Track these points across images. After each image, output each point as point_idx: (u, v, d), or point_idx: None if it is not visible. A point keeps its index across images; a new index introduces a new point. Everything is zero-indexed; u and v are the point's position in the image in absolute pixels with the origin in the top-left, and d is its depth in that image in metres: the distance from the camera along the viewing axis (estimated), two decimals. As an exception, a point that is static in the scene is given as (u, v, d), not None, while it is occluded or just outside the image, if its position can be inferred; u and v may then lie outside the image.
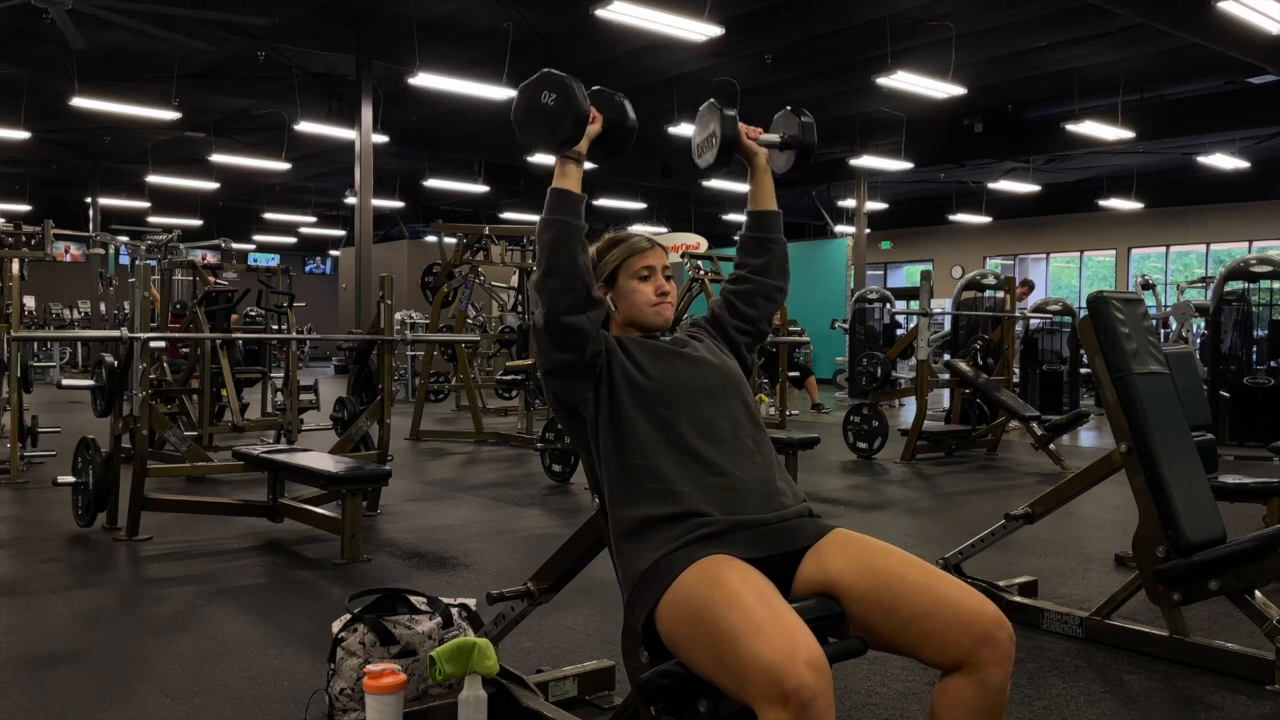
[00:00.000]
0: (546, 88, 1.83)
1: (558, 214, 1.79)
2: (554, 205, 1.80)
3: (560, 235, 1.78)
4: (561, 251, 1.78)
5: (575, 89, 1.81)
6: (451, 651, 2.19)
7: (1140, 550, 2.97)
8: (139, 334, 4.59)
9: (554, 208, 1.80)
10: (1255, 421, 8.58)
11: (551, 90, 1.82)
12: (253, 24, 10.58)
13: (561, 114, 1.81)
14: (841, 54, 12.33)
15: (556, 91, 1.81)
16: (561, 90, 1.81)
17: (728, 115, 2.04)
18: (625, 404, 1.84)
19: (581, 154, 1.84)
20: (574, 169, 1.82)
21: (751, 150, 2.11)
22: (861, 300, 14.79)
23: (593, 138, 1.87)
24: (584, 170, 1.86)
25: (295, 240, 28.67)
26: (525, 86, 1.87)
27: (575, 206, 1.81)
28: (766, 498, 1.81)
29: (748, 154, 2.11)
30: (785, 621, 1.50)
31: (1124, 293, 3.22)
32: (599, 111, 1.89)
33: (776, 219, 2.15)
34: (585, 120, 1.82)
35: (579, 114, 1.81)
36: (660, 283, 1.99)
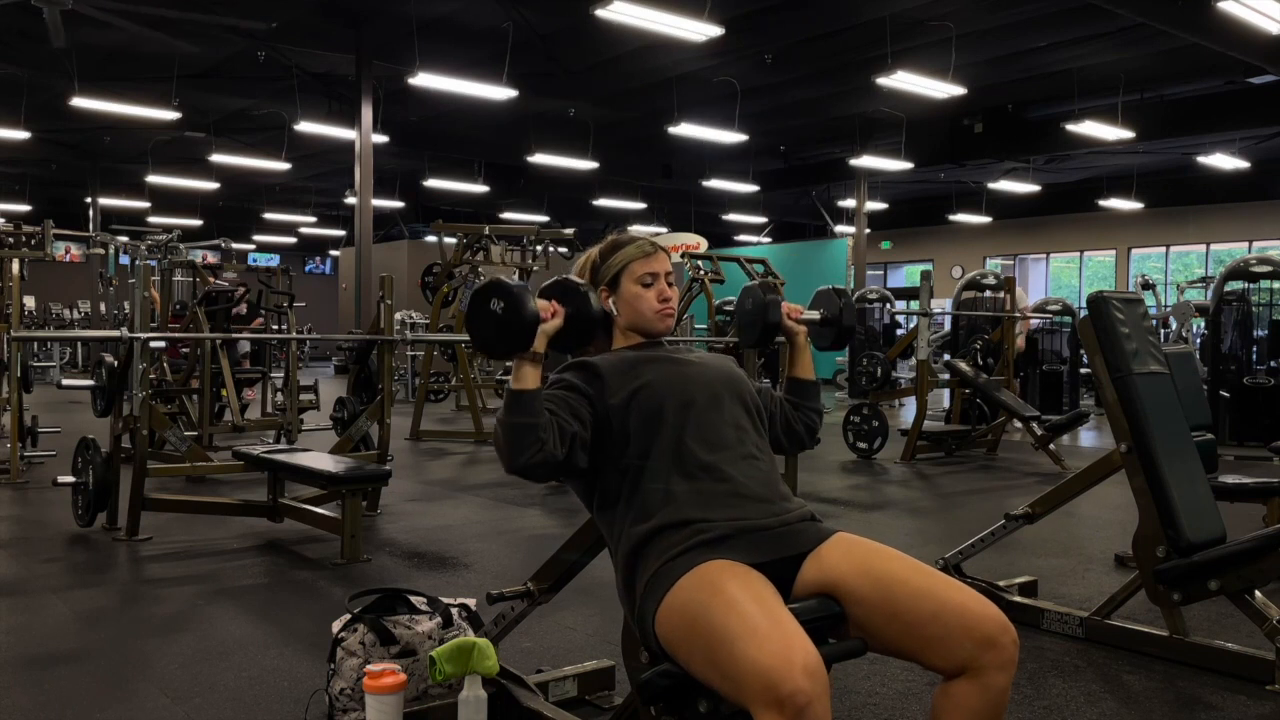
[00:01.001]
0: (495, 295, 1.80)
1: (513, 417, 1.75)
2: (510, 407, 1.76)
3: (517, 440, 1.74)
4: (519, 456, 1.74)
5: (524, 298, 1.78)
6: (451, 651, 2.19)
7: (1140, 550, 2.97)
8: (139, 334, 4.59)
9: (510, 409, 1.76)
10: (1255, 421, 8.58)
11: (500, 298, 1.79)
12: (252, 28, 10.58)
13: (508, 322, 1.78)
14: (841, 54, 12.32)
15: (505, 300, 1.79)
16: (509, 299, 1.78)
17: (772, 300, 2.12)
18: (628, 423, 1.83)
19: (537, 354, 1.80)
20: (529, 369, 1.78)
21: (792, 330, 2.15)
22: (861, 300, 14.79)
23: (551, 334, 1.83)
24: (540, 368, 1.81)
25: (295, 240, 28.68)
26: (476, 292, 1.84)
27: (531, 405, 1.76)
28: (769, 502, 1.81)
29: (789, 333, 2.15)
30: (783, 626, 1.50)
31: (1124, 293, 3.22)
32: (560, 304, 1.86)
33: (817, 390, 2.19)
34: (533, 326, 1.78)
35: (524, 324, 1.78)
36: (663, 288, 1.98)
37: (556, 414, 1.78)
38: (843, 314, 2.24)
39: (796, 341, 2.16)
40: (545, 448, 1.74)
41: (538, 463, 1.75)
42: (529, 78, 12.23)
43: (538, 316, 1.80)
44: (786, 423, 2.14)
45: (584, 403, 1.83)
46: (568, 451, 1.78)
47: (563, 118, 15.22)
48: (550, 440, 1.75)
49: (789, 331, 2.15)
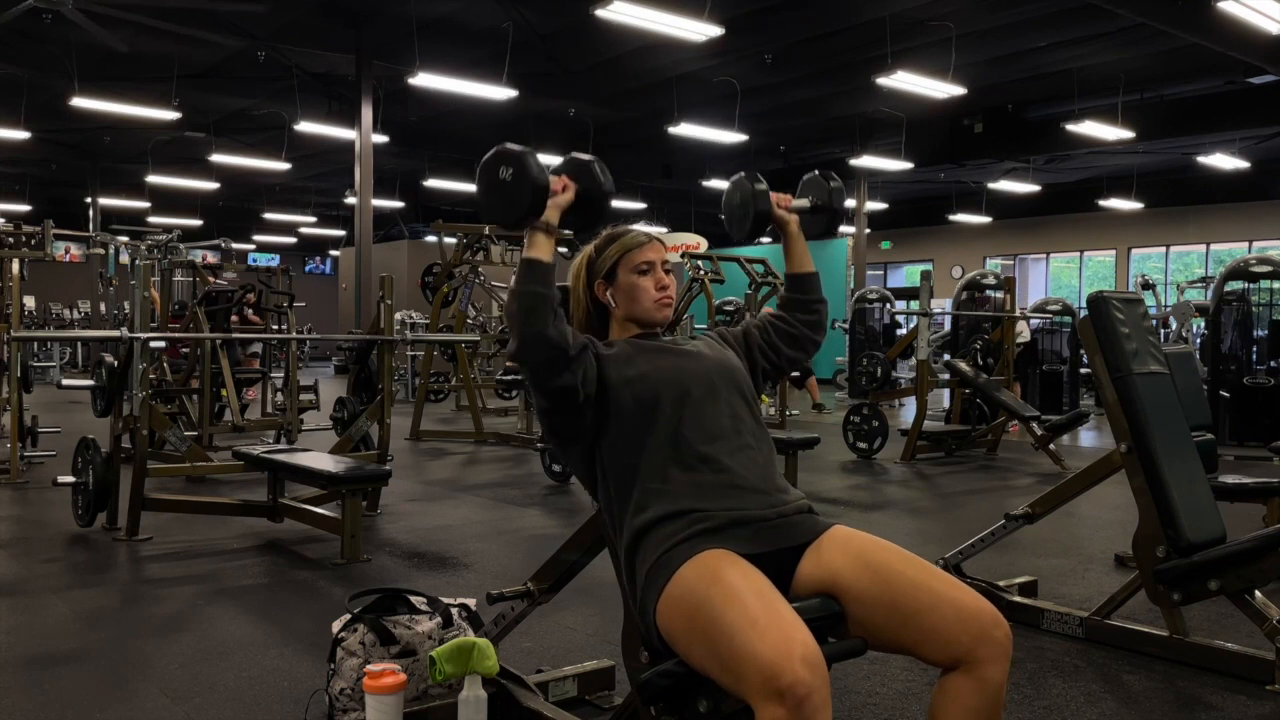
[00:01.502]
0: (503, 163, 1.79)
1: (527, 284, 1.76)
2: (524, 276, 1.77)
3: (530, 306, 1.75)
4: (533, 323, 1.74)
5: (531, 162, 1.77)
6: (451, 651, 2.19)
7: (1140, 550, 2.97)
8: (139, 334, 4.59)
9: (524, 278, 1.76)
10: (1255, 421, 8.57)
11: (508, 165, 1.78)
12: (248, 11, 10.52)
13: (518, 188, 1.77)
14: (841, 54, 12.33)
15: (513, 166, 1.78)
16: (517, 165, 1.78)
17: (759, 190, 2.07)
18: (625, 410, 1.83)
19: (550, 224, 1.80)
20: (543, 239, 1.78)
21: (783, 219, 2.13)
22: (861, 300, 14.79)
23: (563, 207, 1.83)
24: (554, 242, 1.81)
25: (295, 240, 28.68)
26: (484, 164, 1.84)
27: (545, 276, 1.77)
28: (766, 494, 1.81)
29: (780, 222, 2.13)
30: (782, 618, 1.51)
31: (1124, 293, 3.22)
32: (572, 180, 1.86)
33: (817, 280, 2.17)
34: (544, 192, 1.78)
35: (536, 187, 1.77)
36: (660, 277, 1.98)
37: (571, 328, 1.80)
38: (832, 198, 2.18)
39: (790, 231, 2.13)
40: (558, 324, 1.74)
41: (551, 337, 1.74)
42: (529, 78, 12.23)
43: (547, 184, 1.78)
44: (784, 332, 2.11)
45: (591, 359, 1.84)
46: (578, 353, 1.78)
47: (563, 118, 15.22)
48: (562, 323, 1.76)
49: (780, 221, 2.12)
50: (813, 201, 2.19)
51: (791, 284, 2.16)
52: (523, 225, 1.80)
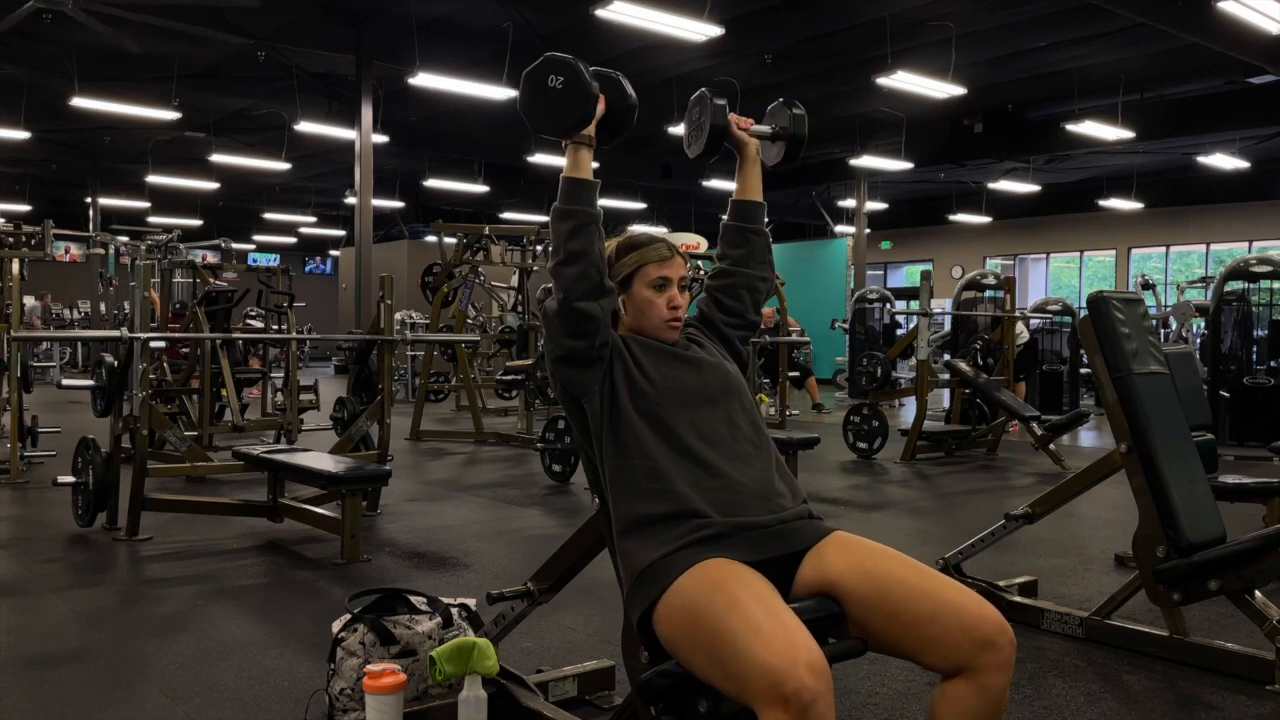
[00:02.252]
0: (552, 71, 1.78)
1: (574, 203, 1.77)
2: (569, 193, 1.77)
3: (578, 224, 1.76)
4: (580, 239, 1.76)
5: (582, 70, 1.78)
6: (451, 651, 2.19)
7: (1140, 550, 2.97)
8: (139, 334, 4.59)
9: (569, 196, 1.77)
10: (1255, 421, 8.57)
11: (558, 73, 1.78)
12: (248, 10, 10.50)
13: (571, 96, 1.77)
14: (841, 54, 12.32)
15: (564, 74, 1.78)
16: (569, 72, 1.78)
17: (717, 105, 2.03)
18: (625, 404, 1.83)
19: (592, 138, 1.80)
20: (585, 154, 1.79)
21: (741, 140, 2.10)
22: (861, 300, 14.79)
23: (598, 119, 1.83)
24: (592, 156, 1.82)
25: (295, 240, 28.67)
26: (530, 72, 1.83)
27: (590, 194, 1.78)
28: (765, 499, 1.81)
29: (737, 144, 2.10)
30: (785, 624, 1.51)
31: (1124, 293, 3.22)
32: (601, 92, 1.86)
33: (759, 209, 2.13)
34: (595, 100, 1.78)
35: (588, 94, 1.77)
36: (674, 295, 1.94)
37: None
38: (793, 124, 2.13)
39: (746, 153, 2.11)
40: (594, 248, 1.75)
41: (595, 256, 1.75)
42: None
43: (597, 90, 1.78)
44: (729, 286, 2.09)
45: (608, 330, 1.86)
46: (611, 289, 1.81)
47: (563, 118, 15.20)
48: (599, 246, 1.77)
49: (737, 141, 2.09)
50: (774, 128, 2.16)
51: (734, 210, 2.13)
52: (570, 135, 1.80)
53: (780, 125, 2.15)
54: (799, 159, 2.16)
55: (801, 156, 2.17)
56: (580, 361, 1.83)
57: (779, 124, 2.15)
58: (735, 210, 2.13)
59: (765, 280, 2.13)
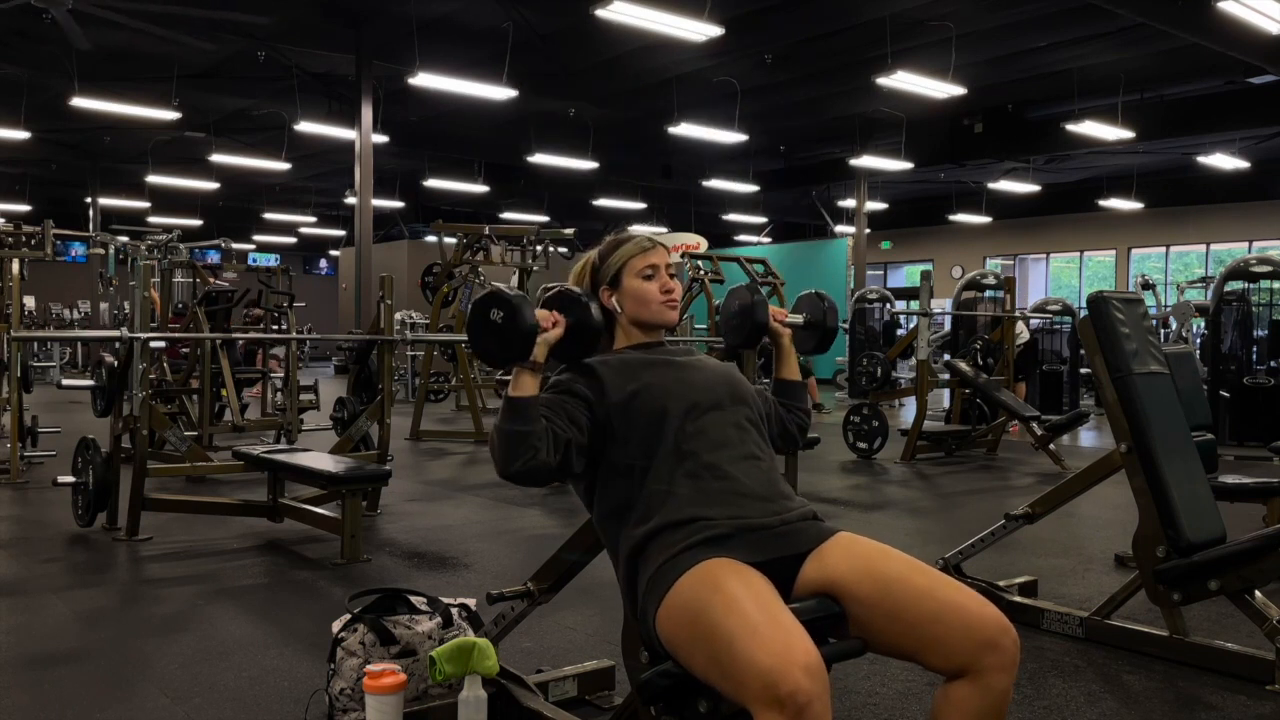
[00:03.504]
0: (495, 305, 1.82)
1: (509, 424, 1.77)
2: (506, 414, 1.78)
3: (511, 447, 1.76)
4: (513, 462, 1.77)
5: (524, 309, 1.80)
6: (451, 651, 2.19)
7: (1140, 550, 2.97)
8: (139, 334, 4.59)
9: (506, 416, 1.78)
10: (1255, 421, 8.58)
11: (499, 308, 1.81)
12: (252, 23, 10.56)
13: (509, 330, 1.80)
14: (841, 54, 12.32)
15: (504, 310, 1.81)
16: (508, 309, 1.80)
17: (758, 301, 2.17)
18: (630, 423, 1.83)
19: (537, 362, 1.82)
20: (528, 377, 1.80)
21: (777, 332, 2.20)
22: (861, 300, 14.79)
23: (551, 344, 1.84)
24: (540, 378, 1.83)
25: (295, 240, 28.67)
26: (476, 301, 1.87)
27: (527, 413, 1.78)
28: (769, 501, 1.81)
29: (774, 335, 2.20)
30: (783, 625, 1.50)
31: (1124, 293, 3.22)
32: (561, 314, 1.87)
33: (804, 390, 2.26)
34: (531, 336, 1.80)
35: (524, 332, 1.80)
36: (665, 280, 2.00)
37: (552, 420, 1.80)
38: (825, 317, 2.30)
39: (782, 344, 2.21)
40: (539, 455, 1.76)
41: (530, 469, 1.77)
42: (529, 78, 12.23)
43: (536, 326, 1.82)
44: (781, 423, 2.18)
45: (581, 407, 1.84)
46: (561, 459, 1.79)
47: (563, 118, 15.21)
48: (544, 448, 1.76)
49: (774, 333, 2.19)
50: (806, 318, 2.31)
51: (779, 389, 2.22)
52: (509, 365, 1.83)
53: (812, 316, 2.31)
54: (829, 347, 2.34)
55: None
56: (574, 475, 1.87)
57: (810, 314, 2.31)
58: (783, 390, 2.23)
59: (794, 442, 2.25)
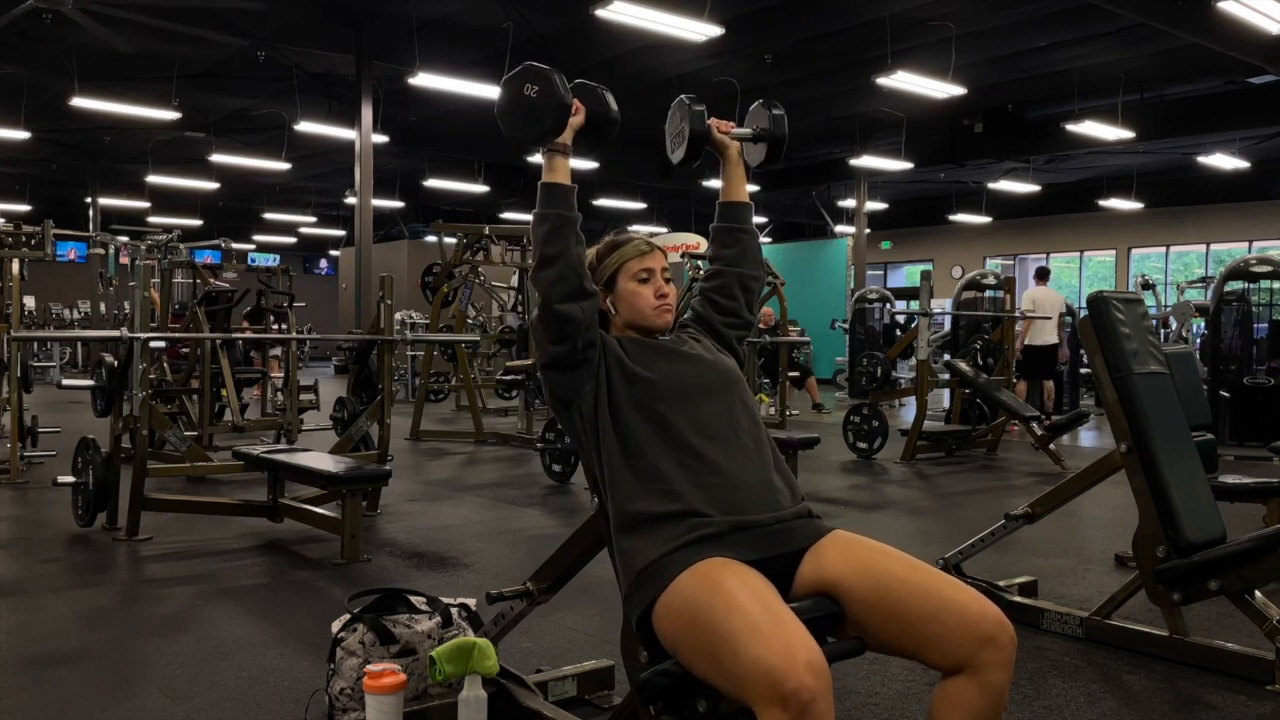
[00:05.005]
0: (529, 80, 1.83)
1: (550, 207, 1.82)
2: (546, 199, 1.82)
3: (554, 228, 1.81)
4: (555, 243, 1.80)
5: (557, 80, 1.82)
6: (451, 651, 2.19)
7: (1140, 550, 2.97)
8: (139, 334, 4.59)
9: (546, 201, 1.82)
10: (1255, 421, 8.57)
11: (534, 83, 1.83)
12: (248, 10, 10.50)
13: (544, 105, 1.82)
14: (841, 54, 12.32)
15: (539, 84, 1.83)
16: (544, 82, 1.82)
17: (695, 110, 2.07)
18: (623, 402, 1.84)
19: (567, 145, 1.85)
20: (561, 161, 1.84)
21: (723, 144, 2.14)
22: (861, 300, 14.78)
23: (576, 129, 1.89)
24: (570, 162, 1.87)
25: (295, 240, 28.67)
26: (508, 80, 1.88)
27: (567, 198, 1.83)
28: (765, 497, 1.81)
29: (719, 147, 2.14)
30: (784, 624, 1.51)
31: (1124, 293, 3.22)
32: (581, 103, 1.91)
33: (747, 210, 2.18)
34: (568, 111, 1.83)
35: (561, 105, 1.82)
36: (660, 284, 1.99)
37: None
38: (773, 125, 2.16)
39: (729, 156, 2.15)
40: (580, 248, 1.79)
41: (573, 257, 1.79)
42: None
43: (571, 101, 1.83)
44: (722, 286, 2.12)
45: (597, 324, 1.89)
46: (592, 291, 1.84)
47: (562, 118, 15.21)
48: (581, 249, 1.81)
49: (718, 145, 2.13)
50: (755, 129, 2.19)
51: (722, 212, 2.18)
52: (543, 143, 1.85)
53: (761, 126, 2.18)
54: (781, 158, 2.18)
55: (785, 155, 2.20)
56: (566, 365, 1.86)
57: (759, 125, 2.19)
58: (723, 212, 2.17)
59: (757, 279, 2.16)
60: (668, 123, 2.14)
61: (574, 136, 1.89)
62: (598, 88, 1.95)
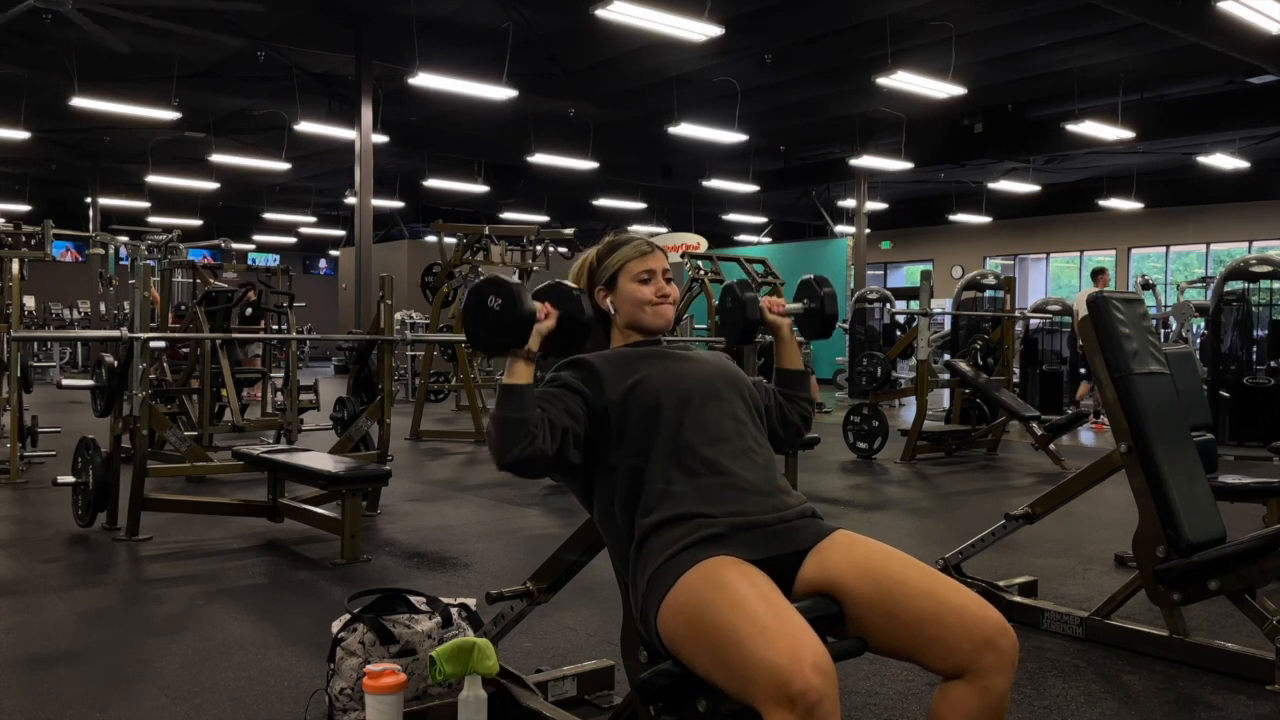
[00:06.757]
0: (493, 293, 1.83)
1: (505, 411, 1.78)
2: (502, 402, 1.79)
3: (508, 434, 1.76)
4: (509, 451, 1.77)
5: (520, 295, 1.82)
6: (451, 651, 2.19)
7: (1140, 550, 2.97)
8: (139, 334, 4.59)
9: (502, 404, 1.79)
10: (1255, 421, 8.57)
11: (497, 295, 1.82)
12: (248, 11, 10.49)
13: (505, 319, 1.82)
14: (841, 54, 12.32)
15: (502, 296, 1.82)
16: (507, 295, 1.82)
17: (749, 298, 2.15)
18: (626, 418, 1.83)
19: (532, 351, 1.83)
20: (523, 366, 1.81)
21: (775, 324, 2.17)
22: (861, 300, 14.78)
23: (544, 335, 1.86)
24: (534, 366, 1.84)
25: (295, 240, 28.67)
26: (473, 289, 1.88)
27: (523, 401, 1.79)
28: (768, 496, 1.81)
29: (771, 327, 2.17)
30: (790, 624, 1.50)
31: (1124, 293, 3.22)
32: (553, 307, 1.89)
33: (805, 379, 2.22)
34: (529, 323, 1.82)
35: (522, 318, 1.81)
36: (661, 285, 2.00)
37: (549, 410, 1.80)
38: (824, 304, 2.25)
39: (781, 334, 2.18)
40: (535, 443, 1.76)
41: (527, 457, 1.76)
42: (529, 78, 12.23)
43: (534, 313, 1.83)
44: (782, 414, 2.16)
45: (578, 400, 1.84)
46: (559, 447, 1.79)
47: (563, 118, 15.22)
48: (541, 436, 1.76)
49: (772, 326, 2.17)
50: (805, 305, 2.27)
51: (781, 379, 2.19)
52: (505, 352, 1.84)
53: (810, 302, 2.26)
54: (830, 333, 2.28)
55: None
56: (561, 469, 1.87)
57: (809, 301, 2.26)
58: (785, 380, 2.20)
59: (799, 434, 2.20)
60: (719, 307, 2.27)
61: (543, 341, 1.87)
62: (572, 290, 1.93)
